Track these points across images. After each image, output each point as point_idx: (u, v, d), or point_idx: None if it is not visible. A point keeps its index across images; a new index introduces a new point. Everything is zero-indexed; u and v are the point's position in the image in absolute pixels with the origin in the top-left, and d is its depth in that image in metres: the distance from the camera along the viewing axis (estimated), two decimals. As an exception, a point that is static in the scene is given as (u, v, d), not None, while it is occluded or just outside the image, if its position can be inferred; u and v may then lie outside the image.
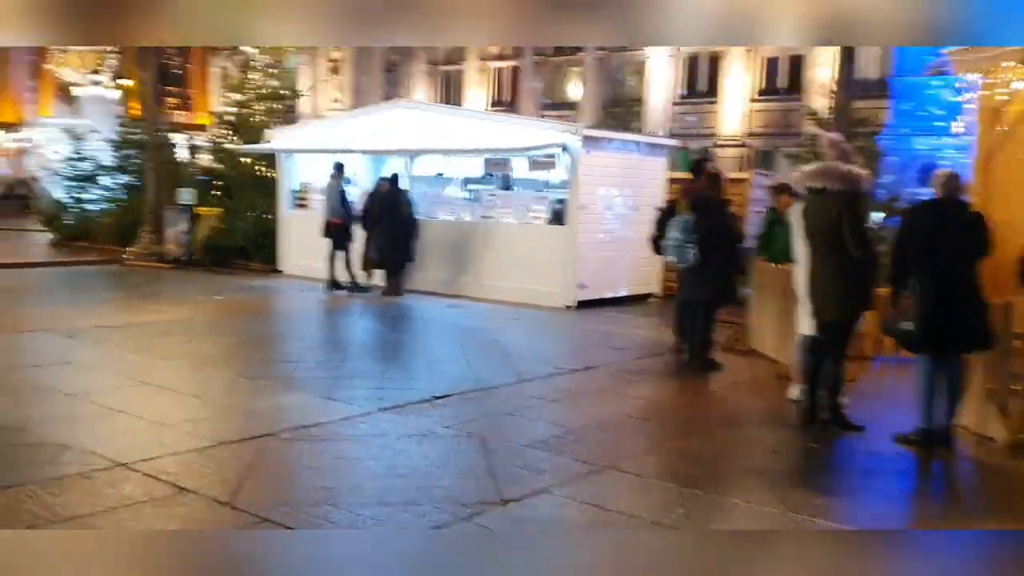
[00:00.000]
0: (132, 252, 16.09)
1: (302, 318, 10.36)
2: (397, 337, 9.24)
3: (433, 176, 14.65)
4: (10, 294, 11.42)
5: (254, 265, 15.34)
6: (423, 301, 11.90)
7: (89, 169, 20.10)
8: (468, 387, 6.72)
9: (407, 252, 12.51)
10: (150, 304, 10.85)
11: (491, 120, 12.65)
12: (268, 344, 8.52)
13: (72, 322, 9.17)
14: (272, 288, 13.09)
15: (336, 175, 12.85)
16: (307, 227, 14.16)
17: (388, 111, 13.81)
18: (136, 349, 7.74)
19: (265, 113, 18.16)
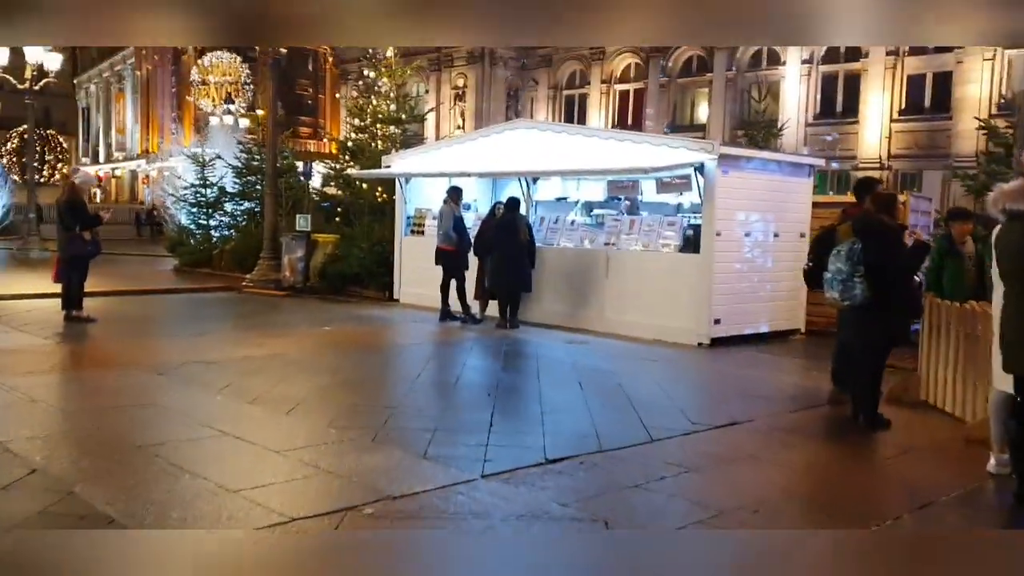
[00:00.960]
0: (250, 279, 15.88)
1: (408, 353, 9.54)
2: (509, 378, 8.26)
3: (553, 200, 13.74)
4: (120, 324, 11.16)
5: (369, 293, 14.80)
6: (540, 335, 10.92)
7: (213, 196, 20.30)
8: (589, 447, 5.64)
9: (524, 281, 11.58)
10: (254, 336, 10.32)
11: (616, 139, 11.60)
12: (367, 385, 7.70)
13: (168, 356, 8.68)
14: (383, 318, 12.41)
15: (450, 200, 12.09)
16: (422, 254, 13.51)
17: (508, 132, 12.97)
18: (224, 390, 7.06)
19: (385, 139, 17.76)
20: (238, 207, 20.37)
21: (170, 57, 59.85)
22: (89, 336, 9.93)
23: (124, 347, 9.29)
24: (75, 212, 10.55)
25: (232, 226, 20.12)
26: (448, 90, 47.48)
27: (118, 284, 15.67)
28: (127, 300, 13.68)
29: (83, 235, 10.54)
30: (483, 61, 47.30)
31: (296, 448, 5.42)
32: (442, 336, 11.01)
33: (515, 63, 48.00)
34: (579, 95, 44.22)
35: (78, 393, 6.96)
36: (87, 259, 10.77)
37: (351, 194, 17.58)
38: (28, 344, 9.07)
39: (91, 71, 71.92)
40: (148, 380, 7.42)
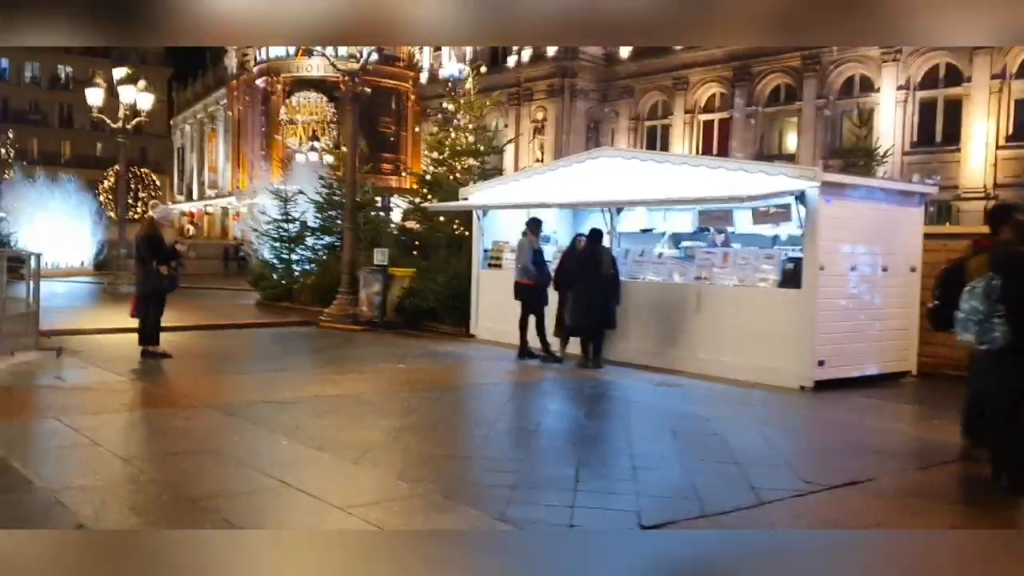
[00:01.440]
0: (328, 314, 15.65)
1: (484, 395, 9.00)
2: (595, 426, 7.61)
3: (638, 232, 13.11)
4: (196, 359, 10.96)
5: (445, 328, 14.38)
6: (626, 377, 10.24)
7: (295, 231, 20.31)
8: (690, 511, 4.97)
9: (608, 318, 10.94)
10: (327, 373, 9.96)
11: (708, 166, 10.92)
12: (440, 430, 7.17)
13: (240, 395, 8.36)
14: (458, 355, 11.93)
15: (529, 232, 11.59)
16: (500, 288, 13.04)
17: (590, 161, 12.44)
18: (291, 432, 6.64)
19: (463, 172, 17.46)
20: (319, 241, 20.32)
21: (260, 97, 61.59)
22: (163, 372, 9.73)
23: (196, 384, 9.02)
24: (152, 247, 10.43)
25: (313, 260, 20.06)
26: (527, 124, 47.40)
27: (199, 319, 15.66)
28: (206, 335, 13.58)
29: (160, 270, 10.40)
30: (563, 94, 47.09)
31: (361, 504, 4.90)
32: (520, 376, 10.45)
33: (595, 95, 47.69)
34: (661, 126, 43.54)
35: (142, 436, 6.65)
36: (164, 294, 10.63)
37: (429, 227, 17.29)
38: (101, 381, 8.89)
39: (186, 112, 74.72)
40: (216, 421, 7.07)
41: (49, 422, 6.68)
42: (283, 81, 60.06)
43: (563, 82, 46.96)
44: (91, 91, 22.86)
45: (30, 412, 7.11)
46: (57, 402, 7.72)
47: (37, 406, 7.51)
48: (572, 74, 46.79)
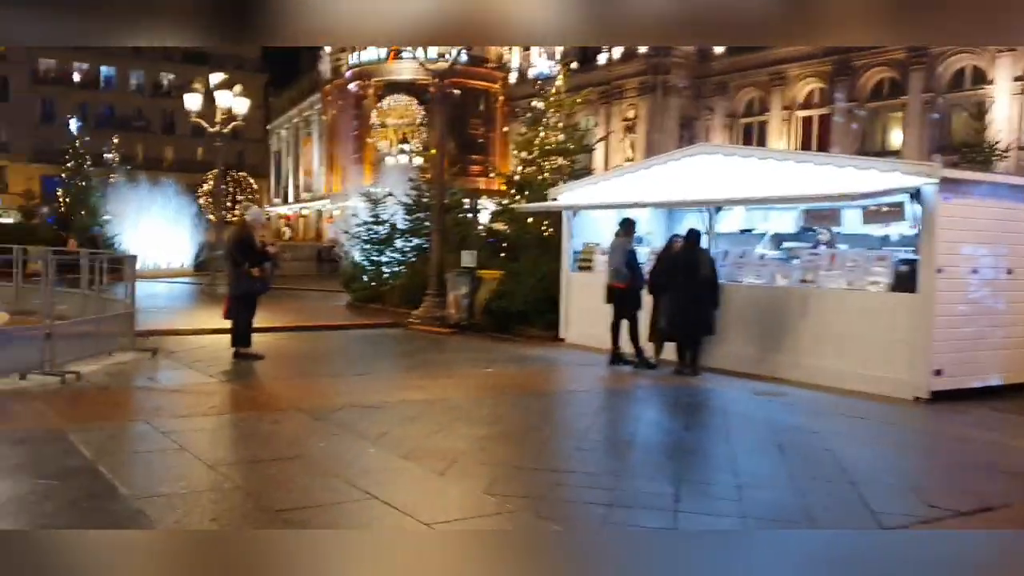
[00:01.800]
0: (416, 315, 15.57)
1: (576, 403, 8.64)
2: (694, 438, 7.17)
3: (737, 232, 12.54)
4: (286, 361, 10.98)
5: (534, 331, 14.09)
6: (725, 384, 9.74)
7: (385, 233, 20.39)
8: (803, 537, 4.52)
9: (706, 323, 10.44)
10: (415, 377, 9.79)
11: (814, 163, 10.29)
12: (530, 440, 6.86)
13: (327, 398, 8.24)
14: (548, 360, 11.61)
15: (622, 232, 11.18)
16: (590, 291, 12.67)
17: (686, 159, 11.94)
18: (378, 439, 6.44)
19: (552, 171, 17.15)
20: (408, 243, 20.35)
21: (352, 101, 62.75)
22: (253, 374, 9.73)
23: (285, 387, 8.97)
24: (244, 249, 10.48)
25: (402, 262, 20.10)
26: (618, 122, 46.79)
27: (291, 320, 15.81)
28: (297, 336, 13.65)
29: (251, 272, 10.43)
30: (655, 91, 46.30)
31: (448, 520, 4.64)
32: (613, 383, 10.06)
33: (689, 92, 46.70)
34: (758, 123, 42.33)
35: (229, 441, 6.56)
36: (256, 296, 10.67)
37: (517, 229, 17.04)
38: (193, 382, 8.94)
39: (282, 117, 76.80)
40: (303, 426, 6.95)
41: (139, 425, 6.68)
42: (374, 85, 61.00)
43: (655, 79, 46.18)
44: (189, 96, 23.47)
45: (122, 414, 7.14)
46: (149, 404, 7.78)
47: (129, 408, 7.57)
48: (664, 71, 45.96)
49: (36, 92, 61.88)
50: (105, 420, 6.79)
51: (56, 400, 7.60)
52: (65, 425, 6.55)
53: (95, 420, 6.79)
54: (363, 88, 61.38)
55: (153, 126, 67.18)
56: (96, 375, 8.89)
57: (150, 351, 10.47)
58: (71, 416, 6.93)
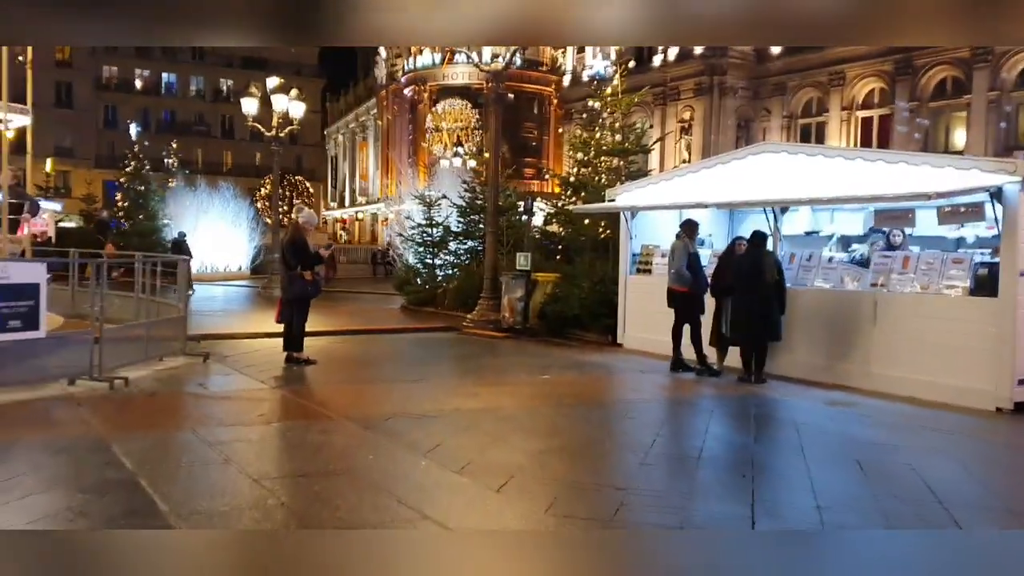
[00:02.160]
0: (470, 319, 15.32)
1: (637, 413, 8.22)
2: (765, 453, 6.73)
3: (802, 235, 12.01)
4: (338, 366, 10.79)
5: (590, 336, 13.71)
6: (792, 393, 9.25)
7: (438, 235, 20.21)
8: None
9: (772, 329, 9.95)
10: (469, 383, 9.49)
11: (886, 161, 9.73)
12: (591, 454, 6.49)
13: (378, 406, 7.99)
14: (606, 366, 11.22)
15: (684, 234, 10.75)
16: (649, 295, 12.27)
17: (750, 158, 11.44)
18: (430, 452, 6.15)
19: (608, 172, 16.74)
20: (462, 246, 20.14)
21: (407, 106, 63.10)
22: (305, 380, 9.54)
23: (335, 393, 8.75)
24: (297, 251, 10.31)
25: (456, 265, 19.90)
26: (673, 124, 46.06)
27: (345, 323, 15.69)
28: (350, 340, 13.49)
29: (304, 275, 10.26)
30: (711, 92, 45.51)
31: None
32: (675, 391, 9.63)
33: (746, 93, 45.78)
34: (816, 123, 41.29)
35: (275, 453, 6.32)
36: (308, 300, 10.50)
37: (572, 231, 16.66)
38: (244, 388, 8.77)
39: (339, 122, 77.60)
40: (352, 436, 6.70)
41: (185, 435, 6.49)
42: (429, 89, 61.24)
43: (711, 80, 45.38)
44: (247, 100, 23.61)
45: (168, 422, 6.96)
46: (196, 412, 7.62)
47: (177, 415, 7.39)
48: (721, 72, 45.15)
49: (100, 99, 63.47)
50: (150, 428, 6.62)
51: (102, 407, 7.48)
52: (109, 434, 6.39)
53: (140, 429, 6.62)
54: (418, 92, 61.66)
55: (213, 131, 68.44)
56: (145, 381, 8.78)
57: (202, 356, 10.37)
58: (116, 424, 6.79)
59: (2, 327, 7.32)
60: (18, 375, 7.74)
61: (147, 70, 66.37)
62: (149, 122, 64.08)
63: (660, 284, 11.42)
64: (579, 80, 54.78)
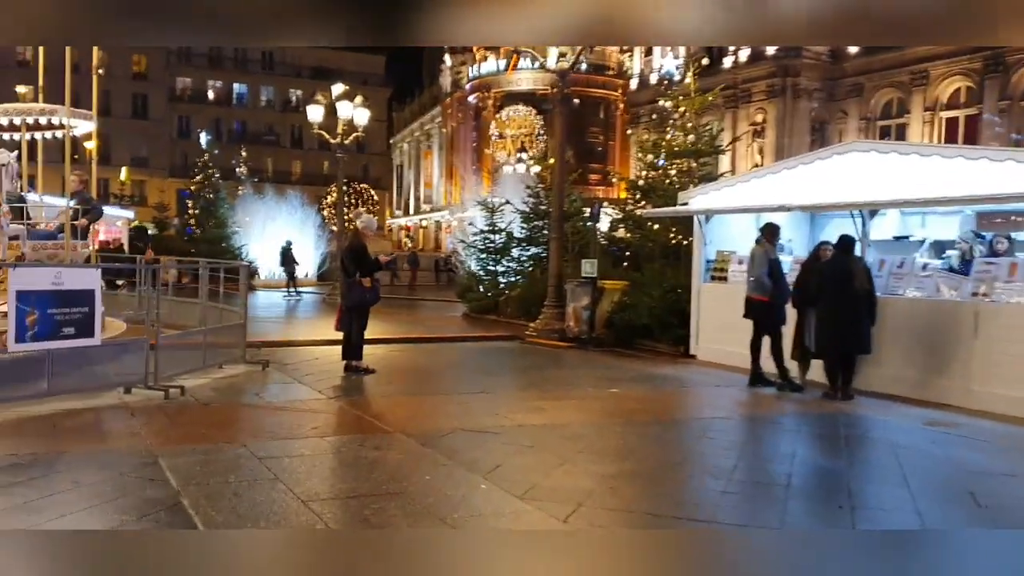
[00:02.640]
0: (533, 328, 14.84)
1: (715, 433, 7.58)
2: (862, 481, 6.05)
3: (890, 240, 11.21)
4: (398, 376, 10.41)
5: (660, 347, 13.09)
6: (884, 411, 8.51)
7: (501, 242, 19.81)
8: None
9: (861, 341, 9.22)
10: (532, 397, 8.98)
11: (991, 158, 8.92)
12: (666, 479, 5.91)
13: (438, 420, 7.55)
14: (679, 380, 10.60)
15: (764, 239, 10.08)
16: (725, 304, 11.63)
17: (836, 157, 10.70)
18: (491, 473, 5.67)
19: (679, 175, 16.09)
20: (525, 252, 19.70)
21: (472, 113, 63.12)
22: (362, 390, 9.18)
23: (393, 406, 8.35)
24: (356, 258, 9.99)
25: (519, 272, 19.46)
26: (745, 127, 44.88)
27: (406, 331, 15.39)
28: (411, 349, 13.14)
29: (363, 282, 9.92)
30: (784, 94, 44.23)
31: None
32: (755, 408, 8.97)
33: (820, 94, 44.37)
34: (896, 125, 39.68)
35: (326, 471, 5.91)
36: (368, 307, 10.16)
37: (641, 236, 16.06)
38: (300, 398, 8.44)
39: (404, 131, 78.17)
40: (408, 453, 6.26)
41: (236, 449, 6.13)
42: (494, 96, 61.12)
43: (784, 81, 44.12)
44: (312, 108, 23.61)
45: (220, 435, 6.63)
46: (250, 423, 7.29)
47: (229, 427, 7.06)
48: (794, 73, 43.87)
49: (174, 110, 65.02)
50: (200, 442, 6.28)
51: (156, 417, 7.21)
52: (158, 447, 6.09)
53: (190, 441, 6.30)
54: (482, 100, 61.60)
55: (282, 140, 69.49)
56: (202, 390, 8.52)
57: (261, 364, 10.11)
58: (166, 436, 6.49)
59: (56, 334, 7.12)
60: (74, 383, 7.54)
61: (219, 81, 67.78)
62: (221, 132, 65.42)
63: (736, 292, 10.78)
64: (647, 83, 53.92)
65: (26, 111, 10.16)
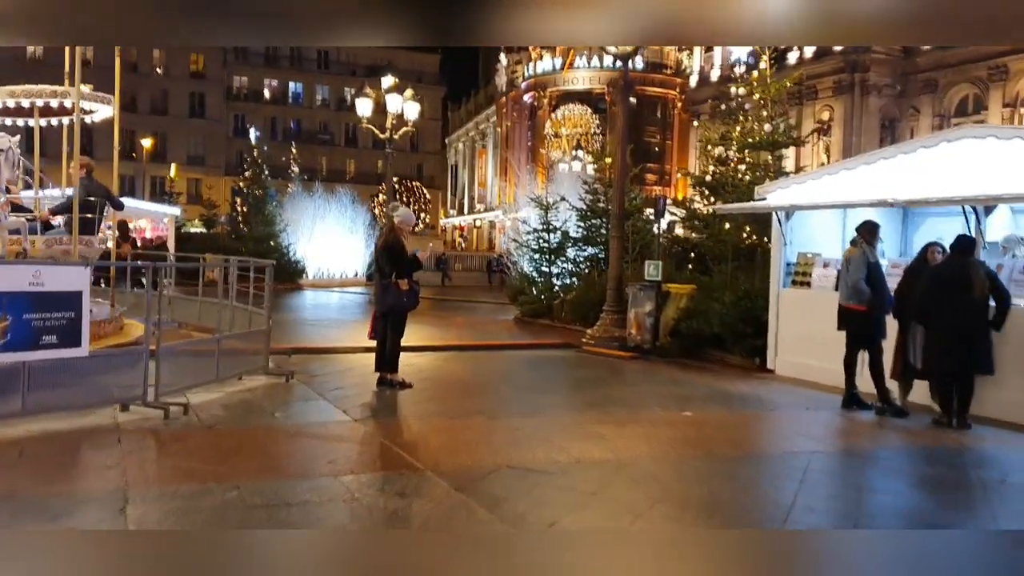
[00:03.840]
0: (591, 335, 13.56)
1: (815, 472, 6.14)
2: (981, 525, 4.68)
3: (998, 241, 9.70)
4: (437, 392, 9.22)
5: (733, 359, 11.73)
6: (1009, 442, 7.07)
7: (556, 242, 18.58)
8: None
9: (980, 358, 7.78)
10: (591, 420, 7.69)
11: None
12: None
13: (477, 454, 6.31)
14: (759, 400, 9.23)
15: (861, 240, 8.68)
16: (808, 312, 10.30)
17: (944, 145, 9.21)
18: (543, 535, 4.43)
19: (750, 168, 14.65)
20: (581, 253, 18.42)
21: (527, 112, 62.08)
22: (395, 410, 8.03)
23: (428, 431, 7.16)
24: (392, 256, 8.84)
25: (574, 274, 18.19)
26: (811, 125, 42.87)
27: (452, 336, 14.26)
28: (456, 357, 11.96)
29: (399, 284, 8.76)
30: (853, 91, 42.18)
31: None
32: (856, 437, 7.59)
33: (891, 91, 42.18)
34: (973, 123, 37.42)
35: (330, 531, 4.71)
36: (404, 312, 8.99)
37: (709, 236, 14.66)
38: (322, 420, 7.29)
39: (459, 131, 77.42)
40: (439, 501, 5.04)
41: (227, 491, 4.96)
42: (549, 95, 59.97)
43: (852, 77, 42.11)
44: (361, 101, 22.66)
45: (215, 470, 5.46)
46: (254, 454, 6.05)
47: (228, 460, 5.87)
48: (863, 68, 41.83)
49: (231, 108, 65.10)
50: (187, 480, 5.14)
51: (145, 443, 6.12)
52: (133, 487, 4.97)
53: (175, 480, 5.17)
54: (538, 99, 60.52)
55: (337, 139, 69.17)
56: (210, 407, 7.40)
57: (285, 375, 9.02)
58: (149, 471, 5.40)
59: (33, 343, 6.09)
60: (57, 400, 6.46)
61: (275, 80, 67.70)
62: (276, 131, 65.35)
63: (822, 299, 9.44)
64: (707, 80, 52.15)
65: (36, 93, 9.25)
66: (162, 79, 61.50)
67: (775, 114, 14.58)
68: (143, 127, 55.85)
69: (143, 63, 60.19)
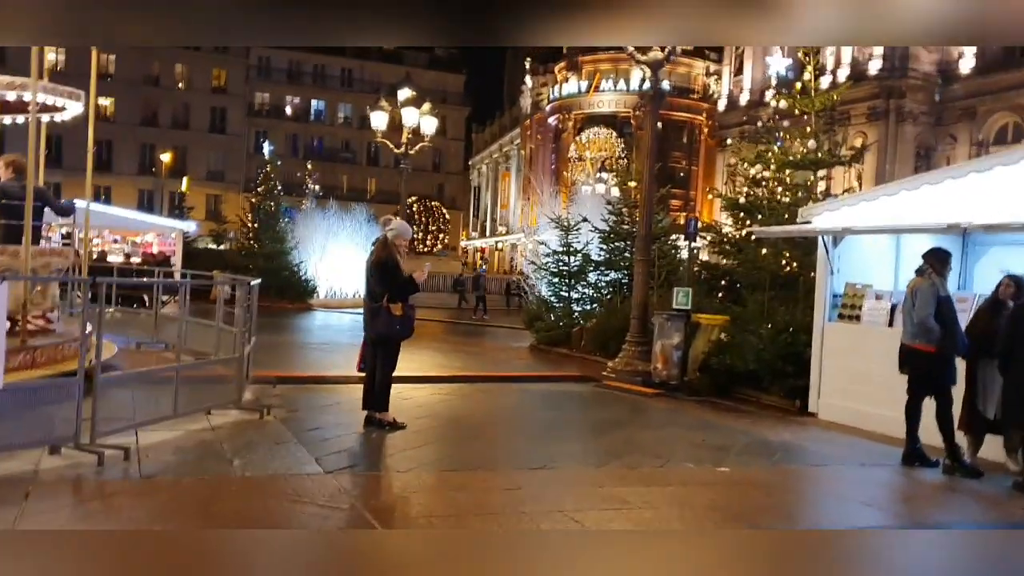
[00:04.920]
0: (612, 368, 12.37)
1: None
2: None
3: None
4: (433, 435, 8.05)
5: (770, 399, 10.52)
6: None
7: (576, 265, 17.44)
8: None
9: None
10: (612, 476, 6.48)
11: None
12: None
13: (470, 523, 5.13)
14: (803, 451, 7.99)
15: (930, 270, 7.48)
16: (859, 350, 9.15)
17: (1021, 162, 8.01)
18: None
19: (788, 190, 13.45)
20: (603, 278, 17.27)
21: (551, 135, 61.31)
22: (379, 459, 6.88)
23: (415, 491, 5.97)
24: (384, 276, 7.72)
25: (595, 300, 17.02)
26: (844, 152, 41.58)
27: (458, 366, 13.10)
28: (459, 391, 10.77)
29: (391, 309, 7.62)
30: (887, 117, 40.87)
31: None
32: (924, 504, 6.36)
33: (927, 118, 40.83)
34: (1014, 151, 36.08)
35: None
36: (396, 341, 7.85)
37: (742, 262, 13.45)
38: (286, 472, 6.06)
39: (483, 152, 76.76)
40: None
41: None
42: (574, 118, 59.18)
43: (887, 103, 40.85)
44: (376, 114, 21.73)
45: (122, 549, 4.32)
46: (183, 527, 4.90)
47: (143, 537, 4.74)
48: (899, 94, 40.56)
49: (252, 124, 64.63)
50: (82, 562, 4.00)
51: (58, 502, 4.91)
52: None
53: (64, 562, 4.02)
54: (562, 121, 59.76)
55: (359, 158, 68.51)
56: (159, 451, 6.21)
57: (260, 410, 7.88)
58: (36, 550, 4.26)
59: (-69, 372, 5.02)
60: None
61: (297, 96, 67.18)
62: (297, 148, 64.80)
63: (873, 336, 8.31)
64: (736, 103, 51.03)
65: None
66: (183, 93, 61.17)
67: (819, 129, 13.38)
68: (163, 141, 55.46)
69: (165, 77, 59.93)
